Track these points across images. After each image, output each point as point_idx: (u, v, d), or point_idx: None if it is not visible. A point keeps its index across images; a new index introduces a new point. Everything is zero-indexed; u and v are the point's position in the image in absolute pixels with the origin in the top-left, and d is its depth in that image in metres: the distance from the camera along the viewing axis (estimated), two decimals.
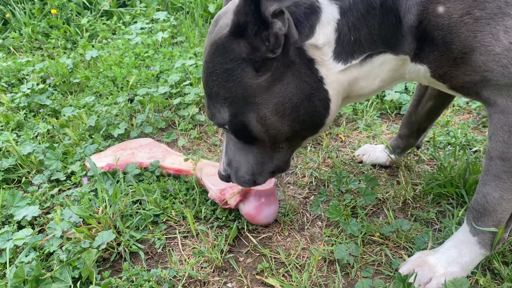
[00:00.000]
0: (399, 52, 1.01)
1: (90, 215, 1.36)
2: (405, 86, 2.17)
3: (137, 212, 1.43)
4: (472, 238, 1.12)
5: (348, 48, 0.99)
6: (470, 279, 1.13)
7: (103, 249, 1.26)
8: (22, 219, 1.42)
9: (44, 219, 1.46)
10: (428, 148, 1.77)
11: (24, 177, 1.69)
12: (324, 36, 0.97)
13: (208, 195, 1.43)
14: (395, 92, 2.12)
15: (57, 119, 2.13)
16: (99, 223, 1.36)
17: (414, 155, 1.74)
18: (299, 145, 1.19)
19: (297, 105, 1.03)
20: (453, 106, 2.09)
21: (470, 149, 1.74)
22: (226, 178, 1.25)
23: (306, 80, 1.01)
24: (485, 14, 0.90)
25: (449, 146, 1.77)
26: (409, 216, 1.42)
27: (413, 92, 2.16)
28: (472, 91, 1.01)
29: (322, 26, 0.96)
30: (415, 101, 1.50)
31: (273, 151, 1.15)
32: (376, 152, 1.69)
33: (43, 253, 1.27)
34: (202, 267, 1.26)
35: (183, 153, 1.82)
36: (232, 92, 1.02)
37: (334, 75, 1.02)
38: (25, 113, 2.17)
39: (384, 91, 2.16)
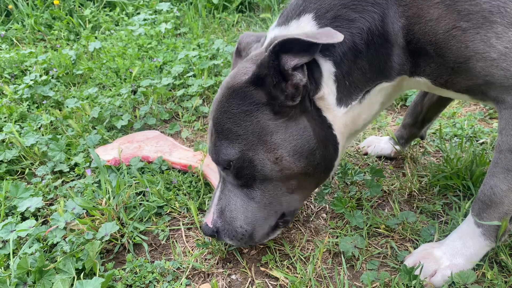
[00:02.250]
0: (394, 77, 1.06)
1: (93, 206, 1.36)
2: None
3: (140, 204, 1.42)
4: (477, 229, 1.11)
5: (346, 92, 1.07)
6: (477, 272, 1.12)
7: (106, 240, 1.26)
8: (25, 210, 1.41)
9: (47, 210, 1.46)
10: (434, 140, 1.76)
11: (27, 169, 1.68)
12: (327, 88, 1.05)
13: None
14: None
15: (60, 110, 2.12)
16: (103, 214, 1.35)
17: (420, 147, 1.72)
18: (308, 193, 1.21)
19: (314, 148, 1.08)
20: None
21: (477, 140, 1.72)
22: (211, 232, 1.17)
23: (320, 126, 1.08)
24: (472, 24, 0.92)
25: (456, 137, 1.75)
26: (415, 208, 1.41)
27: None
28: (478, 92, 1.02)
29: (325, 80, 1.04)
30: (422, 92, 1.49)
31: (280, 194, 1.14)
32: (381, 143, 1.67)
33: (46, 244, 1.27)
34: (206, 259, 1.26)
35: (187, 145, 1.81)
36: (248, 130, 1.06)
37: (339, 119, 1.09)
38: (28, 105, 2.16)
39: None
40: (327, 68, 1.04)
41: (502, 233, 1.09)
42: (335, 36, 0.95)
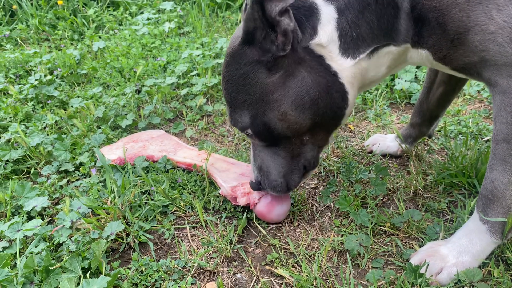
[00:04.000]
0: (400, 42, 1.06)
1: (99, 205, 1.36)
2: (415, 75, 2.14)
3: (145, 203, 1.43)
4: (482, 226, 1.10)
5: (352, 44, 1.05)
6: (483, 270, 1.12)
7: (112, 239, 1.26)
8: (31, 210, 1.42)
9: (53, 209, 1.47)
10: (439, 138, 1.75)
11: (33, 168, 1.69)
12: (326, 35, 1.03)
13: (219, 192, 1.42)
14: (405, 81, 2.09)
15: (65, 110, 2.13)
16: (108, 213, 1.36)
17: (425, 144, 1.72)
18: (324, 140, 1.22)
19: (316, 98, 1.08)
20: (464, 95, 2.06)
21: (482, 138, 1.72)
22: (256, 185, 1.28)
23: (321, 74, 1.07)
24: None
25: (460, 135, 1.75)
26: (420, 206, 1.41)
27: (423, 81, 2.13)
28: (473, 72, 1.02)
29: (323, 25, 1.02)
30: (426, 89, 1.48)
31: (299, 147, 1.19)
32: (386, 141, 1.67)
33: (52, 243, 1.28)
34: (211, 258, 1.26)
35: (191, 144, 1.81)
36: (250, 94, 1.09)
37: (347, 69, 1.08)
38: (33, 105, 2.17)
39: (394, 81, 2.13)
40: (328, 12, 1.02)
41: (509, 230, 1.09)
42: None
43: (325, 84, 1.07)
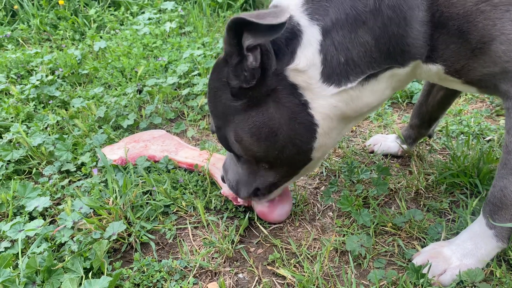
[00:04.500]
0: (407, 62, 0.95)
1: (100, 206, 1.36)
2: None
3: (147, 203, 1.43)
4: (489, 231, 1.10)
5: (339, 69, 0.93)
6: (485, 270, 1.11)
7: (114, 239, 1.26)
8: (33, 210, 1.42)
9: (55, 210, 1.47)
10: (440, 138, 1.75)
11: (34, 168, 1.69)
12: (306, 59, 0.93)
13: (221, 191, 1.42)
14: None
15: (66, 110, 2.13)
16: (110, 214, 1.36)
17: (426, 144, 1.72)
18: (292, 173, 1.16)
19: (274, 130, 1.00)
20: (466, 95, 2.06)
21: (484, 138, 1.71)
22: (222, 178, 1.32)
23: (286, 105, 0.98)
24: (503, 0, 0.85)
25: (462, 135, 1.74)
26: (421, 206, 1.41)
27: (423, 82, 2.12)
28: (490, 84, 0.96)
29: (303, 49, 0.92)
30: (425, 91, 1.47)
31: (256, 170, 1.16)
32: (387, 141, 1.66)
33: (54, 243, 1.28)
34: (213, 258, 1.26)
35: (192, 144, 1.81)
36: (216, 107, 1.07)
37: (323, 99, 0.97)
38: (34, 105, 2.17)
39: None
40: (310, 34, 0.91)
41: None
42: (279, 16, 0.82)
43: (288, 115, 0.98)
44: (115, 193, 1.41)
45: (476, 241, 1.11)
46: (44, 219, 1.43)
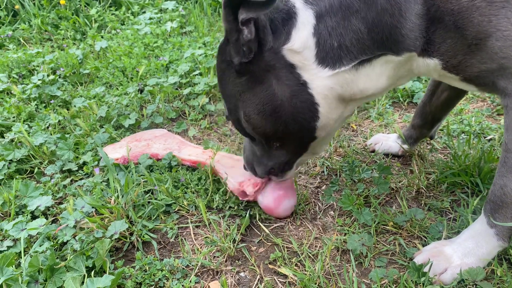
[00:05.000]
0: (401, 51, 0.97)
1: (102, 205, 1.37)
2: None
3: (149, 202, 1.43)
4: (490, 230, 1.10)
5: (332, 53, 0.97)
6: (486, 269, 1.12)
7: (116, 238, 1.27)
8: (35, 209, 1.43)
9: (57, 209, 1.47)
10: (441, 137, 1.75)
11: (36, 168, 1.70)
12: (300, 40, 0.97)
13: (227, 187, 1.43)
14: None
15: (68, 110, 2.14)
16: (112, 213, 1.36)
17: (427, 143, 1.72)
18: (301, 150, 1.19)
19: (276, 106, 1.04)
20: (467, 94, 2.06)
21: (485, 137, 1.71)
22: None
23: (287, 83, 1.02)
24: None
25: (463, 134, 1.75)
26: (422, 205, 1.41)
27: (426, 80, 2.13)
28: (488, 81, 0.97)
29: (297, 30, 0.96)
30: (429, 91, 1.46)
31: (268, 150, 1.20)
32: (388, 141, 1.67)
33: (56, 242, 1.28)
34: (214, 257, 1.26)
35: (194, 143, 1.81)
36: (225, 89, 1.11)
37: (320, 80, 1.01)
38: (36, 104, 2.18)
39: None
40: (305, 17, 0.96)
41: None
42: None
43: (289, 93, 1.03)
44: (117, 192, 1.42)
45: (477, 240, 1.11)
46: (46, 218, 1.43)
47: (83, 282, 1.14)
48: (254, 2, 0.88)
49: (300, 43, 0.97)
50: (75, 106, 2.11)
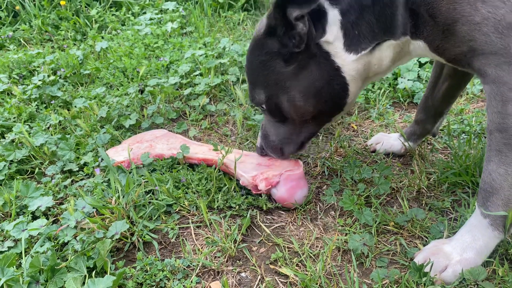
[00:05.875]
0: (399, 36, 1.15)
1: (103, 205, 1.37)
2: (418, 74, 2.14)
3: (150, 202, 1.43)
4: (484, 220, 1.11)
5: (355, 41, 1.17)
6: (487, 269, 1.12)
7: (116, 239, 1.27)
8: (36, 209, 1.43)
9: (58, 209, 1.47)
10: (442, 137, 1.75)
11: (37, 168, 1.70)
12: (332, 33, 1.17)
13: (240, 182, 1.44)
14: (408, 80, 2.09)
15: (68, 110, 2.14)
16: (113, 213, 1.36)
17: (428, 144, 1.72)
18: (328, 121, 1.39)
19: (320, 88, 1.24)
20: (467, 94, 2.06)
21: (485, 137, 1.71)
22: (260, 150, 1.49)
23: (325, 68, 1.21)
24: None
25: (464, 134, 1.75)
26: (423, 205, 1.41)
27: (426, 80, 2.13)
28: (464, 63, 1.07)
29: (330, 26, 1.16)
30: (431, 84, 1.50)
31: (301, 126, 1.36)
32: (390, 140, 1.67)
33: (57, 243, 1.28)
34: (215, 257, 1.26)
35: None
36: (267, 78, 1.27)
37: (349, 64, 1.20)
38: (36, 105, 2.18)
39: (397, 80, 2.13)
40: (334, 15, 1.15)
41: (510, 224, 1.09)
42: None
43: (328, 77, 1.22)
44: (118, 192, 1.42)
45: (473, 233, 1.12)
46: (47, 218, 1.43)
47: (84, 283, 1.14)
48: (301, 0, 1.08)
49: (333, 36, 1.17)
50: (75, 106, 2.11)
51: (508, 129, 1.01)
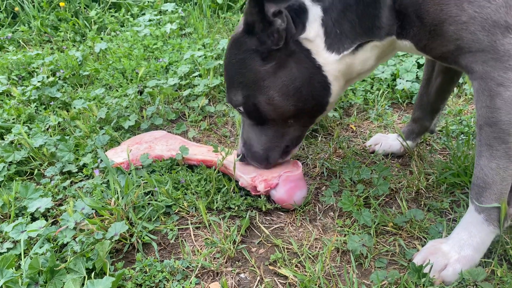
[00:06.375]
0: (383, 37, 1.14)
1: (102, 206, 1.37)
2: (417, 75, 2.14)
3: (149, 203, 1.43)
4: (479, 216, 1.12)
5: (336, 39, 1.16)
6: (486, 269, 1.12)
7: (116, 240, 1.27)
8: (35, 211, 1.43)
9: (57, 211, 1.47)
10: (440, 138, 1.75)
11: (36, 169, 1.70)
12: (313, 30, 1.15)
13: (239, 183, 1.44)
14: (407, 81, 2.09)
15: (67, 111, 2.14)
16: (112, 214, 1.36)
17: (427, 144, 1.72)
18: (311, 122, 1.37)
19: (299, 86, 1.22)
20: (466, 95, 2.07)
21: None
22: (241, 158, 1.44)
23: (306, 66, 1.20)
24: None
25: (462, 135, 1.75)
26: (422, 206, 1.41)
27: None
28: (451, 60, 1.09)
29: (310, 22, 1.15)
30: (425, 81, 1.52)
31: (283, 128, 1.33)
32: (388, 140, 1.67)
33: (57, 244, 1.28)
34: (214, 258, 1.26)
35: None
36: (245, 77, 1.24)
37: (331, 64, 1.19)
38: (36, 106, 2.18)
39: (395, 81, 2.14)
40: (315, 11, 1.14)
41: (504, 218, 1.10)
42: None
43: (308, 75, 1.20)
44: (117, 193, 1.42)
45: (469, 230, 1.13)
46: (46, 220, 1.43)
47: (83, 284, 1.14)
48: None
49: (313, 33, 1.15)
50: (75, 107, 2.11)
51: (497, 123, 1.03)
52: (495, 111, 1.02)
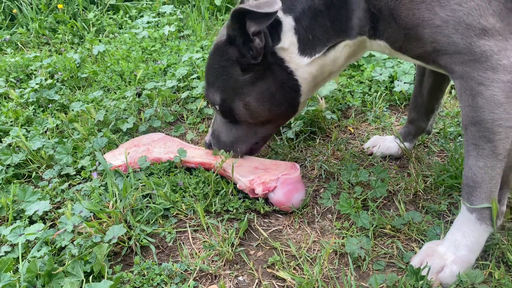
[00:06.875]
0: (354, 37, 1.19)
1: (100, 209, 1.37)
2: (414, 77, 2.14)
3: (147, 206, 1.43)
4: (471, 216, 1.12)
5: (309, 44, 1.22)
6: (484, 272, 1.12)
7: (114, 243, 1.27)
8: (33, 214, 1.42)
9: (55, 213, 1.47)
10: (438, 140, 1.76)
11: (34, 172, 1.70)
12: (287, 40, 1.22)
13: (237, 186, 1.44)
14: (404, 83, 2.10)
15: (65, 114, 2.14)
16: (110, 217, 1.36)
17: (424, 146, 1.73)
18: (284, 122, 1.49)
19: (274, 92, 1.31)
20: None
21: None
22: (208, 145, 1.57)
23: (278, 74, 1.28)
24: None
25: (460, 137, 1.75)
26: (420, 208, 1.41)
27: None
28: (429, 61, 1.10)
29: (284, 33, 1.22)
30: (417, 82, 1.53)
31: (256, 127, 1.43)
32: (386, 142, 1.67)
33: (54, 247, 1.28)
34: (213, 261, 1.26)
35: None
36: (225, 83, 1.34)
37: (303, 67, 1.26)
38: (34, 109, 2.18)
39: (393, 83, 2.14)
40: (287, 22, 1.20)
41: (496, 216, 1.11)
42: (273, 5, 1.10)
43: (281, 81, 1.29)
44: (115, 196, 1.42)
45: (463, 230, 1.14)
46: (44, 223, 1.43)
47: (81, 287, 1.14)
48: (258, 14, 1.10)
49: (288, 42, 1.23)
50: (73, 110, 2.11)
51: (481, 122, 1.03)
52: (478, 110, 1.02)
